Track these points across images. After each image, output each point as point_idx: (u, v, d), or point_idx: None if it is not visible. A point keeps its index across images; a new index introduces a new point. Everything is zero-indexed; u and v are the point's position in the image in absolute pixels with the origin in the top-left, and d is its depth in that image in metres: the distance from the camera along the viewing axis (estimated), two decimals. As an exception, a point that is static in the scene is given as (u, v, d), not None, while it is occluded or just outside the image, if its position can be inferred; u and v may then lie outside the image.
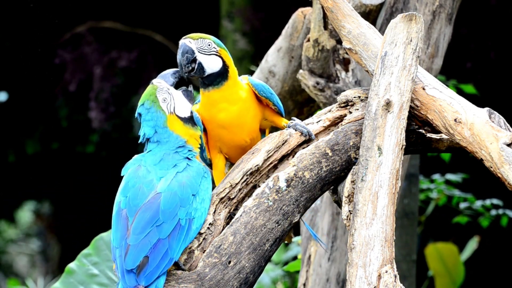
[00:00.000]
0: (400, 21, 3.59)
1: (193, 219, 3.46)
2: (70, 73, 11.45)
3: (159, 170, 3.52)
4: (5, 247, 18.06)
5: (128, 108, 11.56)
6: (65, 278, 5.40)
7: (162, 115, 3.58)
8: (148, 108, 3.58)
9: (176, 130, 3.59)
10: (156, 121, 3.58)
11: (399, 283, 3.39)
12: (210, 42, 3.67)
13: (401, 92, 3.51)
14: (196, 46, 3.67)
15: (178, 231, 3.41)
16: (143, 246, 3.37)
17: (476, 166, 3.59)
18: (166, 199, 3.43)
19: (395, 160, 3.47)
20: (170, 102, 3.60)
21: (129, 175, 3.54)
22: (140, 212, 3.41)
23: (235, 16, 10.92)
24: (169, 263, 3.38)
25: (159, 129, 3.58)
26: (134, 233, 3.38)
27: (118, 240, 3.42)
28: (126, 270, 3.35)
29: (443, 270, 7.83)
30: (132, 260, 3.35)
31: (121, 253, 3.39)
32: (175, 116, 3.60)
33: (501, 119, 3.50)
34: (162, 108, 3.58)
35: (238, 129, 3.72)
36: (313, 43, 4.96)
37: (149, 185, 3.48)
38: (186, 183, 3.49)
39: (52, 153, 12.56)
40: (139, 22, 11.79)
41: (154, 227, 3.39)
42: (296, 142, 3.66)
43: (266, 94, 3.73)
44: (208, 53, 3.66)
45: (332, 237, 5.08)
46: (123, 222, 3.44)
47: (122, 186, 3.53)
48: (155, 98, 3.58)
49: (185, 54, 3.65)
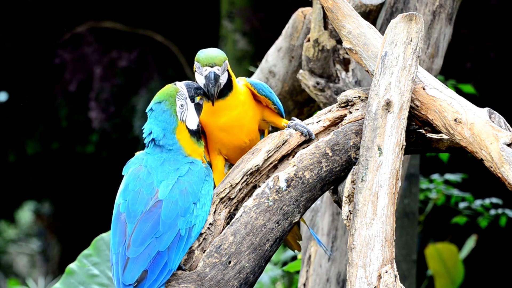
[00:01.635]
0: (400, 21, 3.59)
1: (194, 226, 3.46)
2: (70, 73, 11.44)
3: (160, 173, 3.50)
4: (5, 247, 18.06)
5: (128, 108, 11.56)
6: (66, 279, 5.40)
7: (174, 121, 3.56)
8: (165, 110, 3.55)
9: (181, 140, 3.57)
10: (167, 125, 3.55)
11: (399, 283, 3.39)
12: (226, 62, 3.66)
13: (401, 92, 3.51)
14: (221, 72, 3.64)
15: (177, 242, 3.40)
16: (142, 260, 3.35)
17: (475, 166, 3.58)
18: (167, 209, 3.41)
19: (395, 160, 3.47)
20: (185, 110, 3.58)
21: (129, 176, 3.52)
22: (141, 221, 3.39)
23: (235, 16, 10.92)
24: (167, 274, 3.37)
25: (168, 134, 3.56)
26: (134, 244, 3.37)
27: (116, 246, 3.41)
28: (124, 284, 3.34)
29: (443, 270, 7.83)
30: (131, 274, 3.34)
31: (117, 260, 3.38)
32: (185, 126, 3.58)
33: (501, 119, 3.50)
34: (177, 114, 3.57)
35: (238, 131, 3.73)
36: (313, 43, 4.96)
37: (149, 189, 3.46)
38: (187, 191, 3.47)
39: (52, 153, 12.55)
40: (139, 22, 11.78)
41: (154, 239, 3.38)
42: (296, 142, 3.66)
43: (266, 93, 3.73)
44: (224, 72, 3.66)
45: (332, 237, 5.08)
46: (121, 227, 3.42)
47: (122, 188, 3.51)
48: (174, 101, 3.56)
49: (216, 83, 3.62)
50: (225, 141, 3.75)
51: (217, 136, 3.73)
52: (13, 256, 18.70)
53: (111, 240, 3.44)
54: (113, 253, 3.41)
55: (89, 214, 13.43)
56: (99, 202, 12.88)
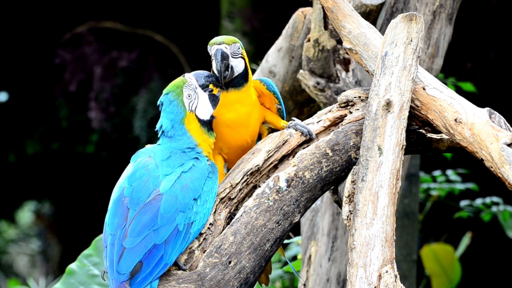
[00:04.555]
0: (400, 21, 3.59)
1: (193, 222, 3.46)
2: (70, 73, 11.44)
3: (166, 167, 3.51)
4: (5, 247, 18.06)
5: (128, 108, 11.55)
6: (66, 279, 5.40)
7: (182, 111, 3.57)
8: (171, 101, 3.57)
9: (191, 130, 3.58)
10: (175, 115, 3.57)
11: (399, 283, 3.39)
12: (239, 46, 3.68)
13: (402, 92, 3.51)
14: (230, 52, 3.66)
15: (175, 236, 3.40)
16: (138, 251, 3.36)
17: (477, 164, 3.59)
18: (167, 203, 3.42)
19: (396, 160, 3.47)
20: (194, 100, 3.59)
21: (138, 164, 3.53)
22: (139, 213, 3.41)
23: (235, 16, 10.92)
24: (163, 268, 3.38)
25: (176, 124, 3.57)
26: (131, 235, 3.38)
27: (114, 227, 3.42)
28: (118, 273, 3.35)
29: (439, 270, 7.84)
30: (126, 264, 3.35)
31: (113, 242, 3.39)
32: (194, 115, 3.59)
33: (502, 119, 3.50)
34: (184, 103, 3.57)
35: (243, 129, 3.73)
36: (313, 43, 4.96)
37: (155, 181, 3.47)
38: (188, 186, 3.47)
39: (52, 153, 12.55)
40: (139, 22, 11.78)
41: (151, 231, 3.38)
42: (297, 142, 3.66)
43: (274, 89, 3.77)
44: (237, 56, 3.67)
45: (332, 237, 5.08)
46: (122, 210, 3.43)
47: (129, 173, 3.51)
48: (180, 92, 3.57)
49: (223, 61, 3.63)
50: (228, 139, 3.75)
51: (221, 132, 3.73)
52: (13, 256, 18.70)
53: (109, 221, 3.44)
54: (109, 233, 3.42)
55: (89, 214, 13.42)
56: (99, 202, 12.86)
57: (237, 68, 3.67)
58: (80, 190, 13.63)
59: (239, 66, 3.68)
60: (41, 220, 16.89)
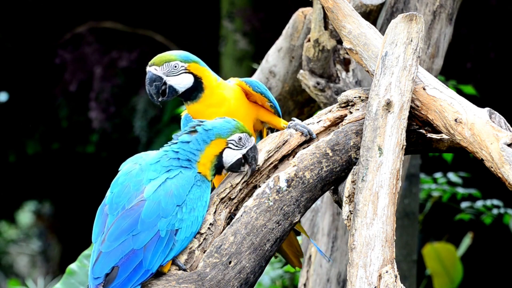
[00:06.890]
0: (400, 21, 3.59)
1: (179, 229, 3.42)
2: (70, 73, 11.45)
3: (152, 172, 3.48)
4: (5, 247, 18.07)
5: (128, 108, 11.56)
6: (66, 279, 5.40)
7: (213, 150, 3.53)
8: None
9: (204, 159, 3.53)
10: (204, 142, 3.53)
11: (399, 283, 3.39)
12: (177, 63, 3.61)
13: (402, 92, 3.51)
14: (162, 72, 3.61)
15: (156, 242, 3.37)
16: (114, 256, 3.34)
17: (477, 167, 3.59)
18: (148, 209, 3.39)
19: (396, 160, 3.47)
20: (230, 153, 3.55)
21: (123, 171, 3.52)
22: (120, 218, 3.38)
23: (235, 16, 10.93)
24: (144, 275, 3.35)
25: (202, 146, 3.52)
26: (109, 239, 3.36)
27: (96, 235, 3.42)
28: (92, 277, 3.33)
29: (441, 270, 7.83)
30: (100, 268, 3.33)
31: (94, 249, 3.38)
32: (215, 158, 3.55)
33: (502, 119, 3.50)
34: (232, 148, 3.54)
35: None
36: (313, 43, 4.96)
37: (137, 185, 3.45)
38: (172, 193, 3.44)
39: (52, 153, 12.56)
40: (139, 22, 11.79)
41: (130, 236, 3.36)
42: (297, 142, 3.66)
43: (261, 90, 3.72)
44: (177, 74, 3.62)
45: (332, 237, 5.08)
46: (102, 218, 3.43)
47: (113, 181, 3.52)
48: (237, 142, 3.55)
49: (153, 84, 3.60)
50: None
51: None
52: (13, 256, 18.71)
53: (93, 230, 3.45)
54: (93, 242, 3.42)
55: (89, 214, 13.40)
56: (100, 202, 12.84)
57: (179, 85, 3.62)
58: (80, 190, 13.63)
59: (182, 82, 3.62)
60: (41, 220, 16.90)
